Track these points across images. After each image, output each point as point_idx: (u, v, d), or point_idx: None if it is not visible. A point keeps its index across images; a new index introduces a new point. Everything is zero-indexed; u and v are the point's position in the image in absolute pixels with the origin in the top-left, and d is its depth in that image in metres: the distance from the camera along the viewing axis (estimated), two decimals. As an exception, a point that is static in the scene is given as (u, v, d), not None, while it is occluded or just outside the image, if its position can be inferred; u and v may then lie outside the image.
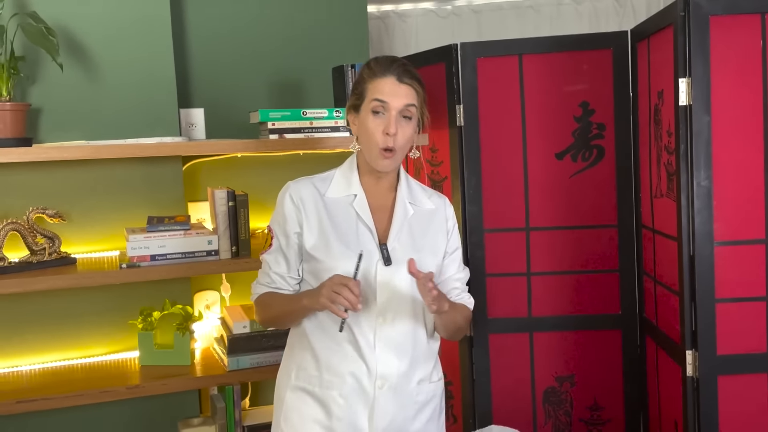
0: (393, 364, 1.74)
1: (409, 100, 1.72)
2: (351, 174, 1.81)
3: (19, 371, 2.48)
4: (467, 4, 4.17)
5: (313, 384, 1.75)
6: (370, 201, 1.79)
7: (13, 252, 2.40)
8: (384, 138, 1.69)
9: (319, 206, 1.77)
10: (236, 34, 2.87)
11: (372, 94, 1.71)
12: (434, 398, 1.84)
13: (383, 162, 1.72)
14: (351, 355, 1.72)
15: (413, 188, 1.87)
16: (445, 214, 1.88)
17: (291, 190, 1.79)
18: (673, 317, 2.34)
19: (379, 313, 1.73)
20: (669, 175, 2.32)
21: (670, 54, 2.24)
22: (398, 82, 1.71)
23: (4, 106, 2.26)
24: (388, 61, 1.74)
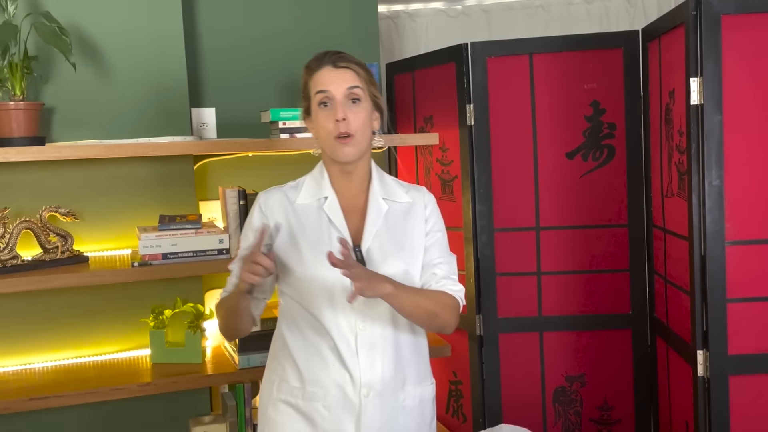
0: (377, 370, 1.67)
1: (351, 82, 1.66)
2: (321, 177, 1.76)
3: (32, 368, 2.50)
4: (477, 4, 4.16)
5: (296, 396, 1.70)
6: (343, 202, 1.74)
7: (27, 250, 2.42)
8: (336, 125, 1.64)
9: (289, 214, 1.73)
10: (248, 34, 2.87)
11: (314, 88, 1.68)
12: (424, 402, 1.77)
13: (343, 150, 1.66)
14: (333, 364, 1.66)
15: (387, 183, 1.79)
16: (423, 204, 1.80)
17: (260, 200, 1.76)
18: (684, 317, 2.34)
19: (359, 317, 1.67)
20: (680, 175, 2.31)
21: (681, 53, 2.23)
22: (335, 68, 1.67)
23: (17, 106, 2.27)
24: (321, 54, 1.71)
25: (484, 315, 2.79)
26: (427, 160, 2.99)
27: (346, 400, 1.67)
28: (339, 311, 1.67)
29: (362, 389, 1.66)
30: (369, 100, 1.70)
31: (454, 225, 2.86)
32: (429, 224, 1.79)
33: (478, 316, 2.79)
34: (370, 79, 1.71)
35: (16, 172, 2.47)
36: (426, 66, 2.95)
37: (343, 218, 1.72)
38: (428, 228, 1.79)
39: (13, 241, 2.34)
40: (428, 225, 1.79)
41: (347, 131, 1.64)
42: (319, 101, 1.67)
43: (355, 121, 1.66)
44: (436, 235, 1.80)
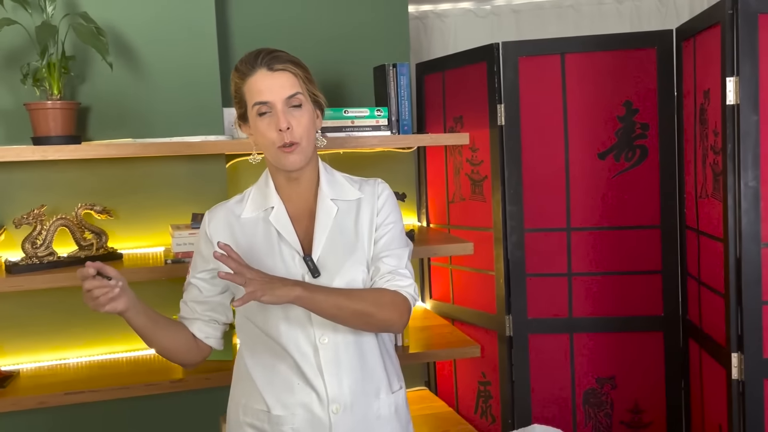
0: (344, 384, 1.58)
1: (290, 89, 1.54)
2: (266, 187, 1.65)
3: (67, 364, 2.54)
4: (507, 4, 4.15)
5: (262, 420, 1.61)
6: (291, 210, 1.63)
7: (63, 247, 2.45)
8: (279, 135, 1.53)
9: (235, 231, 1.63)
10: (279, 34, 2.89)
11: (251, 98, 1.55)
12: (399, 408, 1.68)
13: (289, 159, 1.55)
14: (297, 385, 1.57)
15: (337, 182, 1.68)
16: (375, 196, 1.67)
17: (205, 223, 1.66)
18: (718, 319, 2.31)
19: (317, 332, 1.57)
20: (715, 176, 2.29)
21: (717, 53, 2.21)
22: (270, 71, 1.54)
23: (55, 105, 2.31)
24: (252, 56, 1.57)
25: (514, 316, 2.78)
26: (457, 161, 2.99)
27: (315, 420, 1.57)
28: (296, 328, 1.58)
29: (331, 406, 1.57)
30: (309, 100, 1.59)
31: (483, 225, 2.85)
32: (380, 216, 1.66)
33: (507, 316, 2.79)
34: (308, 76, 1.60)
35: (52, 170, 2.51)
36: (456, 66, 2.95)
37: (291, 227, 1.62)
38: (379, 220, 1.66)
39: (49, 238, 2.37)
40: (379, 217, 1.66)
41: (292, 140, 1.53)
42: (258, 111, 1.55)
43: (299, 128, 1.54)
44: (387, 227, 1.66)
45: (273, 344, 1.60)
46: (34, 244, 2.35)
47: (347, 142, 2.60)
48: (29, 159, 2.27)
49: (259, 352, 1.63)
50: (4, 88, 2.44)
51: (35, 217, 2.35)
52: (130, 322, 1.55)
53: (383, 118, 2.67)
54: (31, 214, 2.34)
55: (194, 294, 1.70)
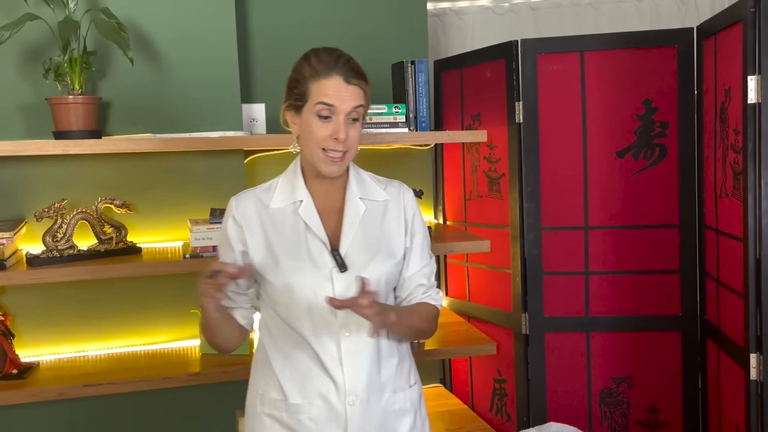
0: (363, 377, 1.60)
1: (358, 101, 1.57)
2: (295, 179, 1.66)
3: (86, 356, 2.57)
4: (525, 2, 4.13)
5: (279, 410, 1.63)
6: (319, 204, 1.65)
7: (83, 240, 2.48)
8: (333, 143, 1.55)
9: (264, 220, 1.63)
10: (298, 31, 2.91)
11: (317, 97, 1.56)
12: (413, 405, 1.70)
13: (332, 168, 1.58)
14: (317, 375, 1.59)
15: (364, 181, 1.71)
16: (402, 203, 1.71)
17: (233, 207, 1.66)
18: (736, 320, 2.30)
19: (341, 324, 1.59)
20: (735, 175, 2.27)
21: (738, 51, 2.20)
22: (345, 83, 1.56)
23: (76, 99, 2.33)
24: (331, 59, 1.58)
25: (530, 314, 2.78)
26: (474, 158, 2.99)
27: (332, 410, 1.60)
28: (320, 321, 1.60)
29: (348, 397, 1.59)
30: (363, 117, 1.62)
31: (500, 223, 2.85)
32: (410, 227, 1.71)
33: (524, 314, 2.78)
34: (369, 95, 1.63)
35: (73, 165, 2.54)
36: (474, 63, 2.95)
37: (320, 222, 1.64)
38: (410, 231, 1.71)
39: (70, 232, 2.40)
40: (409, 228, 1.71)
41: (344, 149, 1.57)
42: (319, 112, 1.56)
43: (353, 139, 1.58)
44: (417, 238, 1.72)
45: (295, 335, 1.62)
46: (54, 238, 2.37)
47: (365, 138, 2.61)
48: (50, 153, 2.30)
49: (280, 341, 1.64)
50: (26, 82, 2.47)
51: (56, 210, 2.37)
52: (208, 314, 1.56)
53: (401, 115, 2.68)
54: (52, 207, 2.37)
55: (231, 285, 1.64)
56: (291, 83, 1.63)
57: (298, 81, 1.60)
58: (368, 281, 1.49)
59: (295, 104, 1.61)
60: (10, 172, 2.49)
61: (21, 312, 2.52)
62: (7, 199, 2.50)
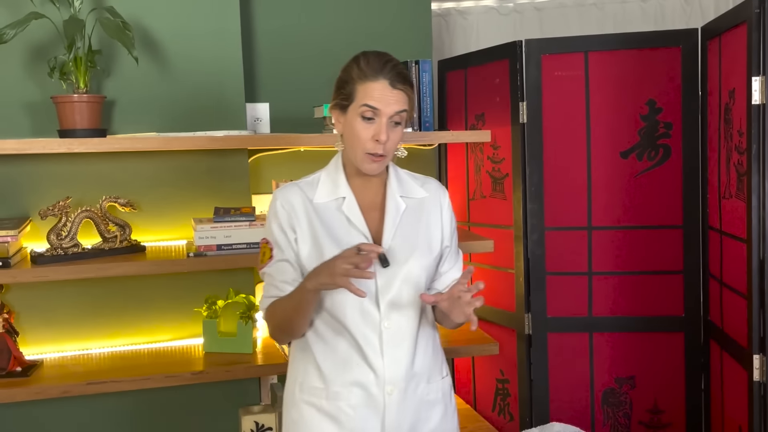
0: (401, 368, 1.66)
1: (401, 106, 1.61)
2: (337, 175, 1.71)
3: (89, 354, 2.57)
4: (529, 2, 4.13)
5: (319, 397, 1.67)
6: (360, 201, 1.70)
7: (87, 239, 2.48)
8: (374, 145, 1.60)
9: (309, 212, 1.68)
10: (302, 30, 2.91)
11: (362, 99, 1.60)
12: (445, 394, 1.76)
13: (372, 166, 1.63)
14: (357, 364, 1.64)
15: (403, 179, 1.76)
16: (439, 202, 1.77)
17: (280, 198, 1.70)
18: (740, 321, 2.30)
19: (383, 316, 1.65)
20: (739, 176, 2.27)
21: (743, 52, 2.19)
22: (391, 87, 1.60)
23: (81, 98, 2.34)
24: (379, 63, 1.62)
25: (533, 314, 2.78)
26: (478, 158, 2.99)
27: (370, 398, 1.65)
28: (362, 312, 1.64)
29: (386, 387, 1.64)
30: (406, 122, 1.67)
31: (504, 223, 2.85)
32: (447, 227, 1.77)
33: (527, 314, 2.78)
34: (413, 100, 1.68)
35: (78, 163, 2.54)
36: (479, 63, 2.95)
37: (363, 219, 1.68)
38: (447, 231, 1.77)
39: (74, 230, 2.41)
40: (447, 225, 1.77)
41: (384, 152, 1.62)
42: (363, 113, 1.60)
43: (393, 143, 1.63)
44: (454, 239, 1.80)
45: (336, 325, 1.66)
46: (59, 236, 2.38)
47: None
48: (55, 151, 2.30)
49: (322, 330, 1.68)
50: (31, 81, 2.48)
51: (60, 208, 2.38)
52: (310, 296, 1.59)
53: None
54: (57, 205, 2.37)
55: (290, 275, 1.68)
56: (339, 83, 1.67)
57: (346, 81, 1.65)
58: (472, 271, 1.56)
59: (341, 103, 1.66)
60: (15, 170, 2.49)
61: (25, 310, 2.53)
62: (12, 197, 2.50)
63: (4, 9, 2.42)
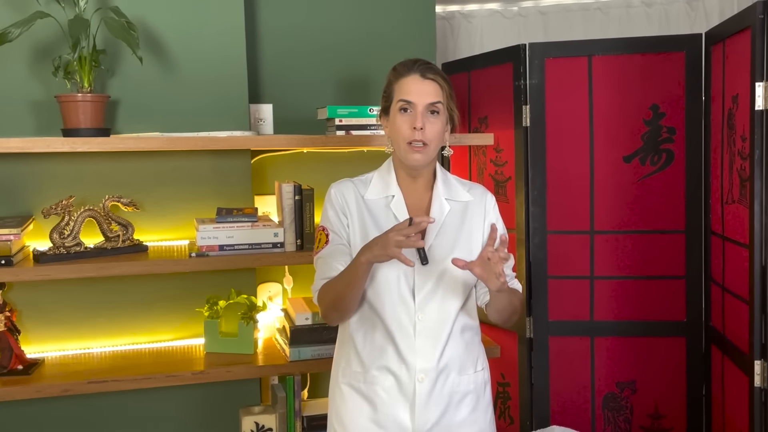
0: (432, 359, 1.77)
1: (434, 97, 1.74)
2: (388, 175, 1.84)
3: (90, 353, 2.58)
4: (534, 5, 4.14)
5: (358, 380, 1.81)
6: (408, 201, 1.82)
7: (89, 238, 2.49)
8: (412, 132, 1.72)
9: (361, 207, 1.82)
10: (306, 32, 2.91)
11: (398, 95, 1.76)
12: (477, 388, 1.85)
13: (414, 156, 1.74)
14: (391, 352, 1.77)
15: (450, 183, 1.87)
16: (483, 206, 1.86)
17: (335, 189, 1.85)
18: (741, 326, 2.29)
19: (417, 309, 1.77)
20: (742, 181, 2.27)
21: (746, 57, 2.19)
22: (422, 78, 1.74)
23: (85, 98, 2.34)
24: (411, 62, 1.78)
25: (534, 318, 2.78)
26: (481, 161, 2.99)
27: (402, 385, 1.77)
28: (400, 304, 1.76)
29: (418, 374, 1.76)
30: (446, 113, 1.78)
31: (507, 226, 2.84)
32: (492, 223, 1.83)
33: (528, 318, 2.78)
34: (450, 92, 1.79)
35: (81, 162, 2.55)
36: (482, 66, 2.95)
37: (408, 216, 1.78)
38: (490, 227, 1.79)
39: (77, 229, 2.41)
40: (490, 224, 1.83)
41: (422, 139, 1.73)
42: (401, 107, 1.75)
43: (431, 131, 1.74)
44: None
45: (375, 314, 1.79)
46: (61, 235, 2.39)
47: (372, 140, 2.61)
48: (59, 150, 2.31)
49: (364, 318, 1.81)
50: (36, 80, 2.48)
51: (63, 207, 2.38)
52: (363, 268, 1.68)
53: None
54: (60, 204, 2.38)
55: (347, 257, 1.80)
56: (383, 91, 1.83)
57: (387, 86, 1.82)
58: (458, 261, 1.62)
59: (384, 106, 1.82)
60: (19, 169, 2.50)
61: (27, 308, 2.53)
62: (15, 195, 2.51)
63: (10, 8, 2.42)
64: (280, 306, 2.84)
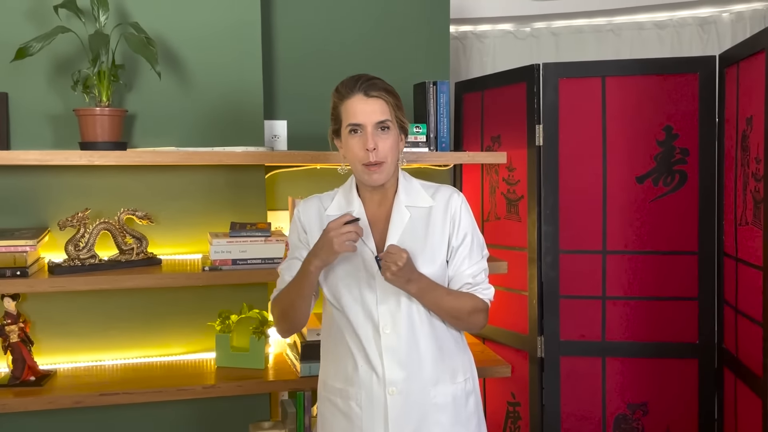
0: (401, 371, 1.75)
1: (381, 115, 1.73)
2: (350, 191, 1.85)
3: (102, 365, 2.58)
4: (546, 26, 4.16)
5: (336, 395, 1.81)
6: (371, 214, 1.82)
7: (104, 250, 2.50)
8: (366, 154, 1.71)
9: (322, 223, 1.81)
10: (321, 50, 2.94)
11: (346, 117, 1.75)
12: (456, 400, 1.79)
13: (372, 177, 1.74)
14: (362, 365, 1.76)
15: (413, 189, 1.85)
16: (449, 208, 1.82)
17: (299, 207, 1.88)
18: (755, 349, 2.28)
19: (382, 321, 1.75)
20: (755, 203, 2.27)
21: (761, 79, 2.20)
22: (366, 97, 1.74)
23: (103, 111, 2.37)
24: (352, 81, 1.77)
25: (546, 337, 2.77)
26: (493, 179, 3.00)
27: (375, 398, 1.75)
28: (365, 316, 1.76)
29: (388, 387, 1.74)
30: (396, 125, 1.77)
31: (518, 245, 2.85)
32: (455, 227, 1.81)
33: (539, 337, 2.77)
34: (397, 104, 1.78)
35: (98, 175, 2.57)
36: (496, 85, 2.97)
37: (369, 230, 1.79)
38: (454, 231, 1.81)
39: (92, 241, 2.43)
40: (454, 228, 1.81)
41: (377, 160, 1.72)
42: (350, 130, 1.74)
43: (384, 148, 1.73)
44: (464, 239, 1.82)
45: (344, 329, 1.79)
46: (76, 247, 2.40)
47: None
48: (76, 163, 2.33)
49: (337, 331, 1.82)
50: (55, 93, 2.51)
51: (79, 220, 2.40)
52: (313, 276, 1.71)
53: (422, 134, 2.70)
54: (75, 217, 2.40)
55: None
56: (331, 113, 1.82)
57: (333, 108, 1.81)
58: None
59: (335, 129, 1.82)
60: (37, 181, 2.53)
61: (41, 320, 2.55)
62: (31, 207, 2.53)
63: (31, 22, 2.46)
64: (292, 321, 2.84)
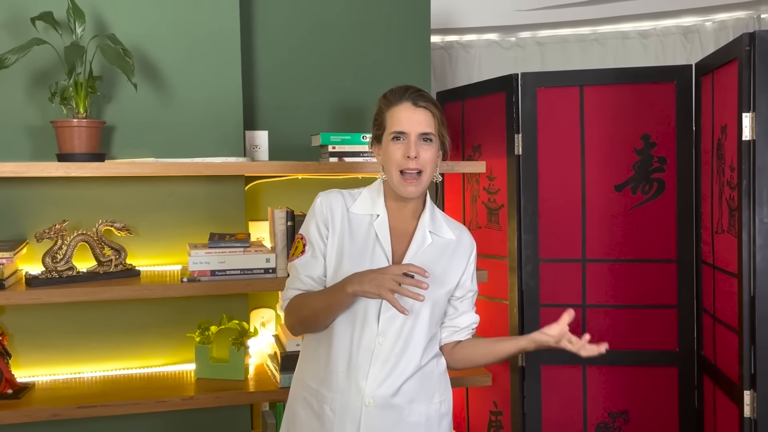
0: (383, 384, 1.74)
1: (427, 125, 1.75)
2: (377, 195, 1.84)
3: (81, 377, 2.58)
4: (531, 36, 4.19)
5: (311, 395, 1.80)
6: (392, 224, 1.82)
7: (82, 262, 2.50)
8: (405, 160, 1.73)
9: (344, 219, 1.81)
10: (301, 60, 2.95)
11: (390, 124, 1.76)
12: (429, 420, 1.80)
13: (408, 189, 1.76)
14: (343, 372, 1.75)
15: (437, 218, 1.87)
16: (468, 248, 1.88)
17: (321, 199, 1.84)
18: (731, 356, 2.29)
19: (379, 333, 1.75)
20: (731, 211, 2.28)
21: (734, 88, 2.21)
22: (414, 106, 1.75)
23: (80, 123, 2.37)
24: (402, 89, 1.79)
25: (526, 346, 2.76)
26: (474, 188, 3.00)
27: (350, 406, 1.74)
28: (363, 324, 1.75)
29: (366, 398, 1.74)
30: (438, 140, 1.79)
31: (499, 254, 2.85)
32: (470, 272, 1.89)
33: (520, 346, 2.77)
34: (442, 119, 1.80)
35: (76, 187, 2.57)
36: (476, 95, 2.98)
37: (389, 238, 1.79)
38: (469, 276, 1.89)
39: (69, 253, 2.43)
40: (468, 272, 1.88)
41: (417, 167, 1.74)
42: (393, 137, 1.75)
43: (425, 158, 1.74)
44: (471, 290, 1.91)
45: (336, 332, 1.77)
46: (54, 259, 2.40)
47: (365, 167, 2.63)
48: (53, 175, 2.33)
49: (324, 335, 1.79)
50: (32, 105, 2.52)
51: (56, 231, 2.40)
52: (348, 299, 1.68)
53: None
54: (53, 228, 2.40)
55: (319, 271, 1.81)
56: (374, 118, 1.84)
57: (378, 114, 1.83)
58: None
59: (376, 134, 1.83)
60: (14, 193, 2.53)
61: (18, 332, 2.54)
62: (9, 219, 2.53)
63: (7, 34, 2.47)
64: (273, 332, 2.84)
